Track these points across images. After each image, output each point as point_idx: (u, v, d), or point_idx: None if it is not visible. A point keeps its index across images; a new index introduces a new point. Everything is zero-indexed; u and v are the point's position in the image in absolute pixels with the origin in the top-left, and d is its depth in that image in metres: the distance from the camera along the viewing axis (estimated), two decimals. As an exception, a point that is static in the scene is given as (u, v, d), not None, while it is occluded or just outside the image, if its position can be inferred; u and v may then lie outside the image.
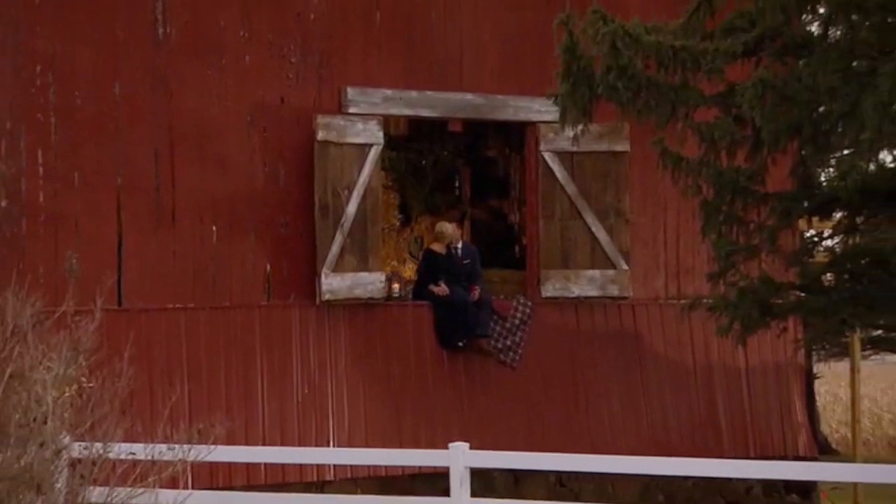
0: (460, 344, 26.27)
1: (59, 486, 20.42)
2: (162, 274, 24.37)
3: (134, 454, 18.73)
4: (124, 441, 20.06)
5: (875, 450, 41.47)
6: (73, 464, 17.67)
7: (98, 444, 19.58)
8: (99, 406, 20.17)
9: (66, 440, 20.46)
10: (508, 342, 26.52)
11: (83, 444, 20.27)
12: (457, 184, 29.16)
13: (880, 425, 44.35)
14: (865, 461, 33.14)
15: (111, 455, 20.86)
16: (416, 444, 22.83)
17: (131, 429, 21.93)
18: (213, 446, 22.61)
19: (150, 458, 20.49)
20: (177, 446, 20.43)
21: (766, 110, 21.81)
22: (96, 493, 17.72)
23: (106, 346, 23.06)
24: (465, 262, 26.87)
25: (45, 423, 10.17)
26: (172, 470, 19.14)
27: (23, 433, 10.01)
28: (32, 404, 10.35)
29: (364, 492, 23.23)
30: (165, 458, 19.62)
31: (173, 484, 22.42)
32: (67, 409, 22.70)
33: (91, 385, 22.83)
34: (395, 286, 26.60)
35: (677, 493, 23.82)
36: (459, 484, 20.19)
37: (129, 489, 14.69)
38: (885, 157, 22.93)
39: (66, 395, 23.02)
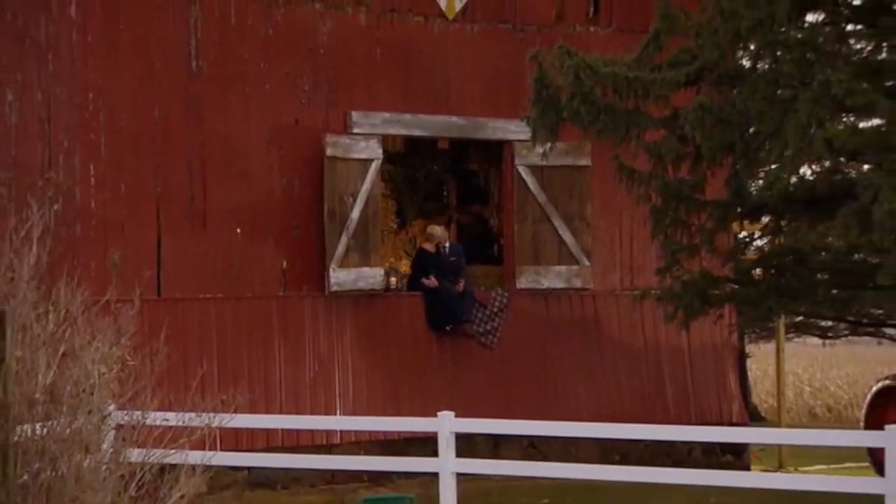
0: (447, 328, 26.35)
1: (104, 447, 20.45)
2: (194, 269, 24.35)
3: (167, 420, 18.73)
4: (159, 409, 20.43)
5: (797, 417, 41.62)
6: (117, 428, 17.65)
7: (137, 412, 19.81)
8: (138, 380, 20.31)
9: (111, 408, 20.70)
10: (488, 327, 26.53)
11: (125, 411, 20.63)
12: (445, 192, 29.12)
13: (801, 397, 44.70)
14: (788, 427, 33.15)
15: (148, 421, 21.20)
16: (410, 413, 22.76)
17: (166, 399, 22.35)
18: (236, 414, 22.86)
19: (181, 423, 20.73)
20: (204, 414, 20.60)
21: (705, 131, 21.89)
22: (135, 453, 17.82)
23: (147, 329, 23.41)
24: (452, 258, 26.90)
25: (93, 394, 10.14)
26: (200, 434, 19.12)
27: (73, 403, 10.40)
28: (82, 378, 10.32)
29: (366, 453, 23.33)
30: (194, 423, 19.69)
31: (202, 446, 22.68)
32: (112, 382, 22.88)
33: (133, 362, 23.01)
34: (393, 279, 26.62)
35: (631, 453, 23.84)
36: (446, 446, 20.43)
37: (162, 450, 14.85)
38: (805, 170, 22.85)
39: (111, 370, 23.22)
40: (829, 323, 33.03)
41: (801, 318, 27.26)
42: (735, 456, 27.58)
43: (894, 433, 18.36)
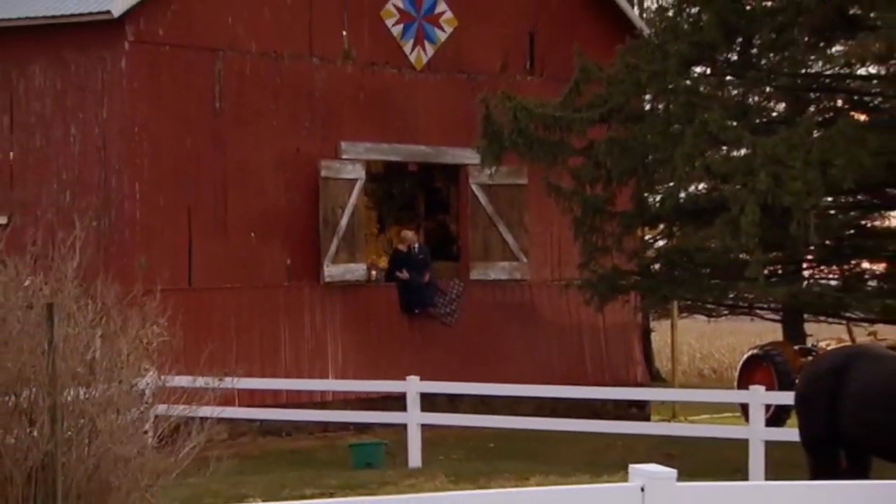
0: (416, 311, 26.33)
1: (133, 409, 20.40)
2: (218, 265, 24.27)
3: (183, 386, 18.75)
4: (191, 374, 20.44)
5: (690, 377, 41.43)
6: (142, 393, 17.72)
7: (162, 378, 19.92)
8: (162, 353, 20.32)
9: (139, 378, 20.73)
10: (448, 309, 26.51)
11: (151, 378, 20.68)
12: (415, 205, 28.81)
13: (694, 361, 44.62)
14: (682, 386, 33.07)
15: (183, 384, 21.15)
16: (387, 377, 22.50)
17: (195, 366, 22.37)
18: (251, 378, 22.85)
19: (208, 385, 20.70)
20: (211, 380, 20.66)
21: (614, 158, 22.12)
22: (160, 409, 17.77)
23: (182, 311, 23.42)
24: (420, 256, 26.80)
25: (122, 368, 10.04)
26: (213, 396, 19.10)
27: (108, 375, 10.41)
28: (114, 355, 10.65)
29: (352, 408, 23.32)
30: (210, 386, 19.70)
31: (227, 403, 22.65)
32: (141, 356, 22.88)
33: (168, 338, 22.97)
34: (373, 273, 26.51)
35: (559, 408, 23.71)
36: (413, 403, 20.81)
37: (182, 407, 14.84)
38: (692, 188, 22.92)
39: (145, 346, 23.17)
40: (712, 305, 33.32)
41: (689, 301, 27.13)
42: (639, 409, 27.64)
43: (755, 393, 19.11)
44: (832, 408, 12.69)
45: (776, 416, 27.39)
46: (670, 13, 23.34)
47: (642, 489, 7.25)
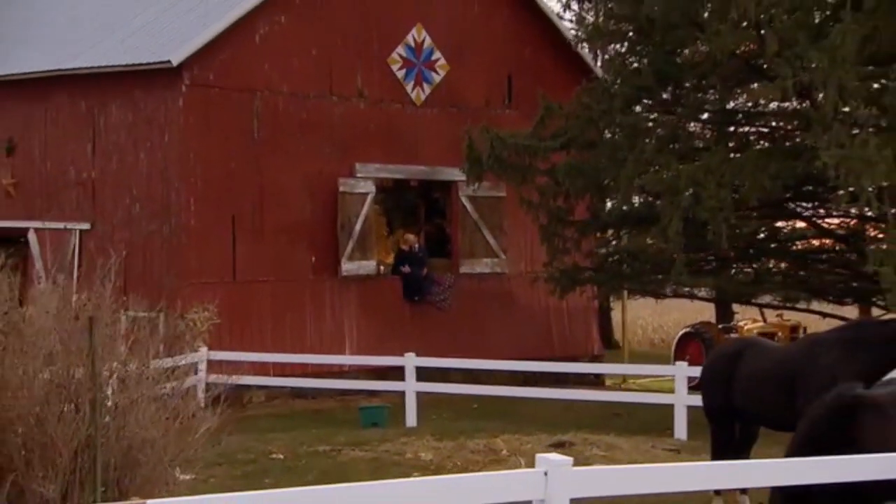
0: (416, 299, 26.16)
1: (194, 375, 20.40)
2: (256, 262, 24.12)
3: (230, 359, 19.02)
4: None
5: (643, 346, 41.18)
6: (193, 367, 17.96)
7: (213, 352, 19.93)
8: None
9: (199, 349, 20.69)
10: (442, 297, 26.37)
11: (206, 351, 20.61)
12: (417, 212, 28.65)
13: (646, 332, 44.57)
14: (632, 355, 32.61)
15: (220, 359, 21.13)
16: (392, 352, 22.18)
17: (232, 345, 22.37)
18: (284, 353, 22.84)
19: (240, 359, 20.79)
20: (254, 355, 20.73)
21: (572, 179, 22.02)
22: (212, 377, 17.93)
23: (228, 299, 23.54)
24: (419, 255, 26.63)
25: (148, 378, 9.97)
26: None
27: (136, 377, 9.82)
28: (141, 364, 10.09)
29: (363, 378, 23.18)
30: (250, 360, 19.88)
31: (264, 373, 22.71)
32: (200, 333, 22.78)
33: (217, 321, 23.04)
34: (381, 268, 26.32)
35: (529, 378, 23.65)
36: (410, 375, 20.87)
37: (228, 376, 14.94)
38: (634, 202, 22.79)
39: (199, 327, 23.15)
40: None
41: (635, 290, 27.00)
42: (595, 376, 27.43)
43: (680, 368, 19.20)
44: (728, 387, 12.76)
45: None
46: (617, 63, 23.26)
47: (545, 474, 7.14)
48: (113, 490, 9.05)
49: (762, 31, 18.13)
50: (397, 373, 21.45)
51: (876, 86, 18.33)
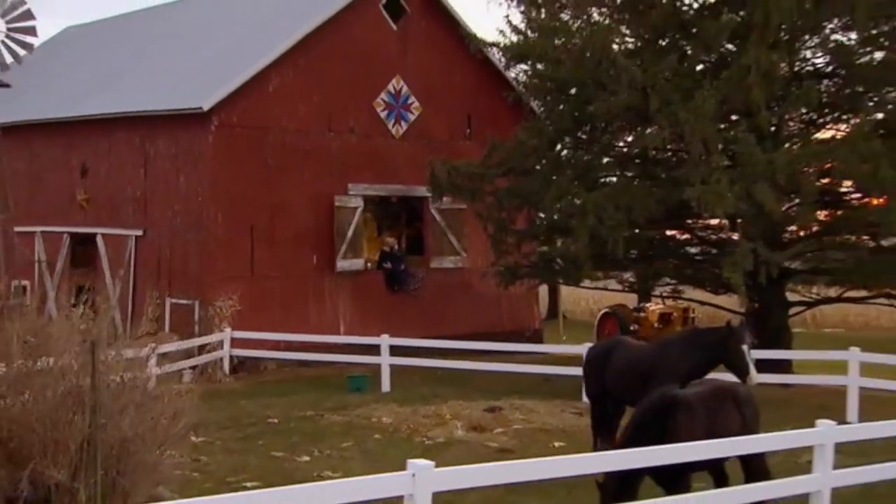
0: (395, 288, 25.96)
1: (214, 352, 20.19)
2: (270, 262, 23.92)
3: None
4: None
5: (583, 315, 40.36)
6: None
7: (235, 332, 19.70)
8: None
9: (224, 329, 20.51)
10: (416, 286, 26.07)
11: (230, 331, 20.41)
12: (398, 220, 28.35)
13: (588, 304, 42.09)
14: (570, 322, 32.69)
15: (240, 337, 21.00)
16: (375, 333, 21.88)
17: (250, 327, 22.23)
18: (291, 333, 22.67)
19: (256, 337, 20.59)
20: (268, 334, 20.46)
21: (510, 199, 22.04)
22: (234, 351, 17.71)
23: (248, 290, 23.52)
24: (398, 253, 26.52)
25: (138, 387, 9.79)
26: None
27: (130, 385, 9.51)
28: (135, 377, 9.80)
29: (351, 353, 22.08)
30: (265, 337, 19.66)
31: (275, 349, 22.83)
32: (225, 317, 22.69)
33: (239, 307, 23.01)
34: (368, 264, 25.86)
35: (485, 353, 23.29)
36: (384, 351, 20.83)
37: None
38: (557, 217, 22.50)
39: (224, 312, 23.13)
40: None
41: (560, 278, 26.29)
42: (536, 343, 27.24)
43: (586, 347, 17.90)
44: (601, 377, 13.00)
45: None
46: (546, 109, 23.06)
47: (413, 475, 7.13)
48: (112, 472, 8.98)
49: (648, 92, 18.09)
50: (378, 348, 21.18)
51: (728, 136, 18.29)
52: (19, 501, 8.87)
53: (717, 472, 9.90)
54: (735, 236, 19.28)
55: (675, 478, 9.18)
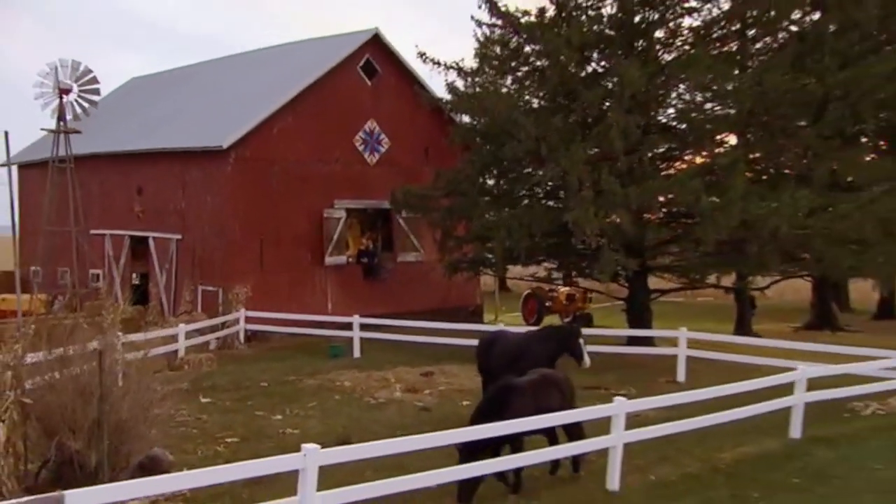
0: (370, 277, 26.01)
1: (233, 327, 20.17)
2: (275, 259, 24.11)
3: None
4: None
5: (522, 289, 36.93)
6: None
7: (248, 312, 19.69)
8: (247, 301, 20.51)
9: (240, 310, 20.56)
10: (386, 275, 26.16)
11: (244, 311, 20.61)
12: (374, 225, 27.70)
13: (529, 284, 40.44)
14: (509, 296, 32.25)
15: (252, 316, 21.03)
16: (355, 312, 21.37)
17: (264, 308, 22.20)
18: (290, 314, 22.54)
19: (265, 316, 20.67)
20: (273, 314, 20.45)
21: (450, 214, 22.11)
22: (248, 326, 17.58)
23: (259, 282, 23.78)
24: (372, 251, 26.49)
25: (138, 380, 9.97)
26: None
27: (132, 382, 9.56)
28: (139, 374, 9.80)
29: (335, 328, 21.50)
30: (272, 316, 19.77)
31: (280, 325, 22.34)
32: (240, 301, 22.96)
33: (250, 294, 23.37)
34: (350, 259, 25.94)
35: (439, 332, 23.39)
36: (356, 328, 20.60)
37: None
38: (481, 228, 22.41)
39: (240, 297, 23.39)
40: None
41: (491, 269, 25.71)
42: (478, 317, 27.54)
43: (499, 327, 18.08)
44: (487, 359, 13.26)
45: (539, 317, 27.84)
46: (473, 150, 22.69)
47: (304, 455, 7.27)
48: (115, 442, 9.26)
49: (540, 142, 18.53)
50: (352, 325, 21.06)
51: (596, 176, 18.47)
52: (50, 461, 9.27)
53: (549, 436, 10.31)
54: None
55: (514, 440, 9.55)
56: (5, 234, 26.86)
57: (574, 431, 10.34)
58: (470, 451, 9.17)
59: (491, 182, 22.40)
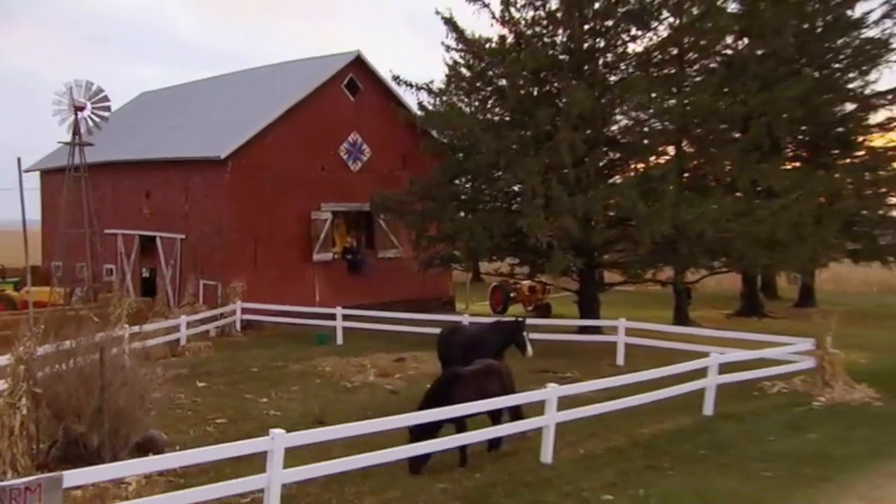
0: (354, 272, 25.99)
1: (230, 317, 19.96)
2: (268, 257, 24.16)
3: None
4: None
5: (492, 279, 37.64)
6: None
7: (244, 303, 19.64)
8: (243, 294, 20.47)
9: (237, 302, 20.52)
10: (368, 270, 26.14)
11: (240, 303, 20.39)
12: (359, 224, 27.68)
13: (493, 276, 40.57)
14: (480, 286, 31.67)
15: (247, 307, 21.02)
16: (340, 303, 21.51)
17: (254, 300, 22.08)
18: (283, 305, 22.24)
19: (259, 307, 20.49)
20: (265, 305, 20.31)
21: (423, 217, 21.99)
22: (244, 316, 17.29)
23: (253, 278, 23.82)
24: (356, 248, 26.49)
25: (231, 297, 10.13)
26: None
27: (130, 371, 9.86)
28: (136, 364, 9.97)
29: (319, 318, 21.36)
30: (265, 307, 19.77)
31: (274, 315, 22.33)
32: (237, 294, 23.01)
33: (245, 287, 23.36)
34: (335, 255, 25.97)
35: (412, 322, 23.68)
36: (339, 317, 20.58)
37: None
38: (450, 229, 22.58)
39: (237, 291, 23.42)
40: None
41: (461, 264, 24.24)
42: (451, 306, 27.59)
43: (464, 317, 18.60)
44: (446, 348, 13.43)
45: (504, 307, 28.15)
46: (443, 159, 22.72)
47: (272, 438, 7.54)
48: (114, 426, 9.45)
49: (499, 155, 18.84)
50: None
51: (547, 186, 18.70)
52: (58, 442, 9.52)
53: (493, 418, 10.51)
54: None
55: (459, 422, 9.82)
56: (33, 227, 26.50)
57: (516, 414, 10.64)
58: (419, 432, 9.42)
59: (458, 189, 22.47)
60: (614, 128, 20.54)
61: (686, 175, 20.33)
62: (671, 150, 21.63)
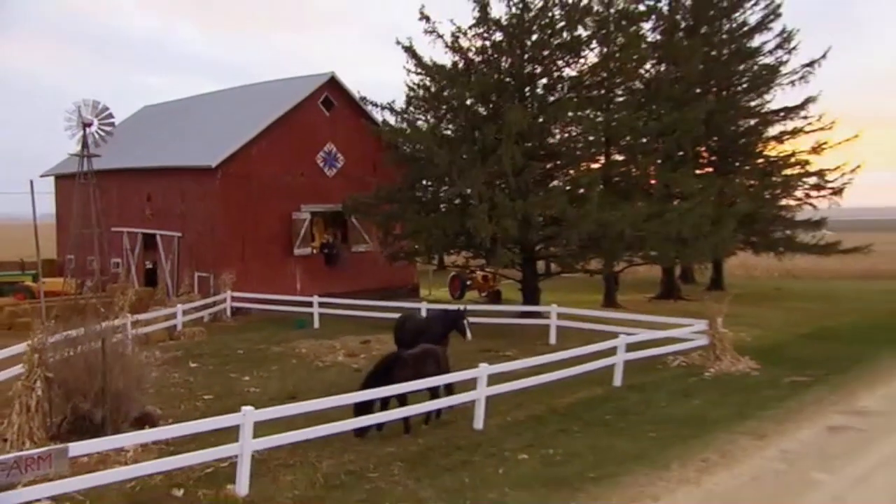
0: (330, 265, 25.97)
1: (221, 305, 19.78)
2: (254, 252, 24.18)
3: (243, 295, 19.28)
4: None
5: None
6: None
7: (233, 293, 19.54)
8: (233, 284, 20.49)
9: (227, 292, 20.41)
10: (343, 262, 26.12)
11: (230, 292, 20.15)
12: (336, 223, 27.38)
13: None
14: (442, 273, 32.01)
15: (237, 296, 20.93)
16: (317, 293, 21.78)
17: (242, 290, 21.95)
18: (269, 294, 22.22)
19: (247, 296, 20.56)
20: (253, 294, 20.35)
21: (389, 217, 21.92)
22: (234, 304, 17.48)
23: (242, 269, 23.92)
24: (333, 243, 26.49)
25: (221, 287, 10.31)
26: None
27: (131, 356, 10.18)
28: (134, 351, 10.12)
29: (299, 305, 21.21)
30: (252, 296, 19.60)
31: (258, 303, 22.21)
32: (227, 285, 23.05)
33: (235, 279, 23.63)
34: (314, 250, 25.99)
35: (378, 308, 23.11)
36: (316, 304, 20.65)
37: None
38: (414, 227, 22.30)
39: (227, 282, 23.56)
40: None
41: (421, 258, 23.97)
42: (416, 293, 27.94)
43: (423, 305, 18.36)
44: (401, 333, 13.76)
45: (462, 293, 28.66)
46: (405, 168, 22.50)
47: (244, 414, 7.86)
48: (115, 404, 9.76)
49: (451, 166, 19.26)
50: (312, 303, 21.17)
51: (491, 193, 19.03)
52: (67, 418, 9.82)
53: (433, 393, 10.80)
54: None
55: (402, 398, 10.16)
56: (49, 223, 26.95)
57: (450, 390, 11.07)
58: (361, 407, 9.77)
59: (419, 194, 22.72)
60: (552, 141, 21.01)
61: (616, 179, 20.90)
62: (603, 159, 22.26)
